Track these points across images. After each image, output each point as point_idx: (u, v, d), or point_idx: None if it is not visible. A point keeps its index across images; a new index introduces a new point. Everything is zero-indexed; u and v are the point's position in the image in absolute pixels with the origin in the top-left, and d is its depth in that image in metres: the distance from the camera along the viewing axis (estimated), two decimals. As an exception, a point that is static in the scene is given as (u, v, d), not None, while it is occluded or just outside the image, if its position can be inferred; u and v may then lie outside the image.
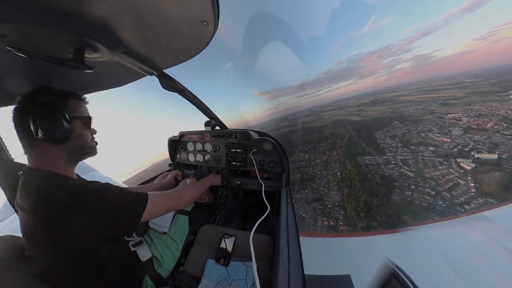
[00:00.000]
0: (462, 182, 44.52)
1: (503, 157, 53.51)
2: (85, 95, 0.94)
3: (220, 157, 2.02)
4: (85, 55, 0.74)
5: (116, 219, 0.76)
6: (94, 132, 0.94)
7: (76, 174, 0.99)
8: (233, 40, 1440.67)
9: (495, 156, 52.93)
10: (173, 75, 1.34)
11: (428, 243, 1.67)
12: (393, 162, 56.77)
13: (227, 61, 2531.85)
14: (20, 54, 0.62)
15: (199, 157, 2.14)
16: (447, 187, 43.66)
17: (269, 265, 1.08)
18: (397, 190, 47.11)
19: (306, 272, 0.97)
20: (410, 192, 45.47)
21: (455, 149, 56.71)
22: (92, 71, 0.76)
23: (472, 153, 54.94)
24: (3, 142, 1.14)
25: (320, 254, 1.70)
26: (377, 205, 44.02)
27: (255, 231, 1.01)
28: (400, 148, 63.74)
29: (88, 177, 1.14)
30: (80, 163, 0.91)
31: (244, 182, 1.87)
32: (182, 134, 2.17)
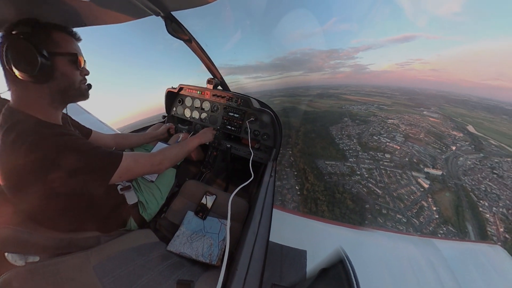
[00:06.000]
0: (425, 204, 42.82)
1: (444, 173, 52.70)
2: (78, 29, 0.82)
3: (216, 118, 2.01)
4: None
5: (79, 180, 0.70)
6: (86, 72, 0.85)
7: (68, 116, 0.95)
8: None
9: (440, 172, 52.85)
10: (182, 21, 1.21)
11: (378, 246, 1.92)
12: (359, 173, 50.13)
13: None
14: None
15: (195, 114, 2.11)
16: (414, 211, 41.17)
17: (240, 226, 1.19)
18: (369, 216, 40.47)
19: (270, 239, 1.10)
20: (383, 220, 39.91)
21: (406, 159, 55.26)
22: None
23: (422, 166, 54.27)
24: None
25: (287, 227, 1.90)
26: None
27: (234, 195, 1.09)
28: (360, 153, 58.85)
29: (79, 119, 1.10)
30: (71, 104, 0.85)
31: (234, 147, 1.91)
32: (181, 87, 2.08)
